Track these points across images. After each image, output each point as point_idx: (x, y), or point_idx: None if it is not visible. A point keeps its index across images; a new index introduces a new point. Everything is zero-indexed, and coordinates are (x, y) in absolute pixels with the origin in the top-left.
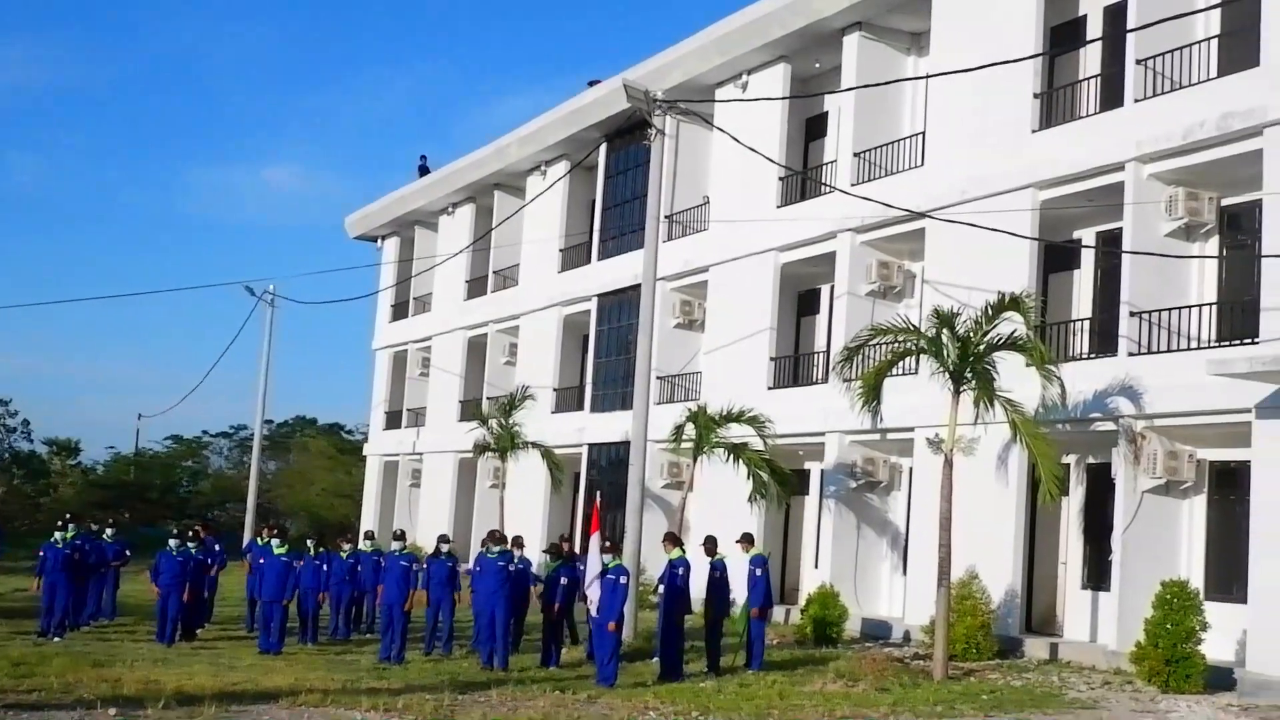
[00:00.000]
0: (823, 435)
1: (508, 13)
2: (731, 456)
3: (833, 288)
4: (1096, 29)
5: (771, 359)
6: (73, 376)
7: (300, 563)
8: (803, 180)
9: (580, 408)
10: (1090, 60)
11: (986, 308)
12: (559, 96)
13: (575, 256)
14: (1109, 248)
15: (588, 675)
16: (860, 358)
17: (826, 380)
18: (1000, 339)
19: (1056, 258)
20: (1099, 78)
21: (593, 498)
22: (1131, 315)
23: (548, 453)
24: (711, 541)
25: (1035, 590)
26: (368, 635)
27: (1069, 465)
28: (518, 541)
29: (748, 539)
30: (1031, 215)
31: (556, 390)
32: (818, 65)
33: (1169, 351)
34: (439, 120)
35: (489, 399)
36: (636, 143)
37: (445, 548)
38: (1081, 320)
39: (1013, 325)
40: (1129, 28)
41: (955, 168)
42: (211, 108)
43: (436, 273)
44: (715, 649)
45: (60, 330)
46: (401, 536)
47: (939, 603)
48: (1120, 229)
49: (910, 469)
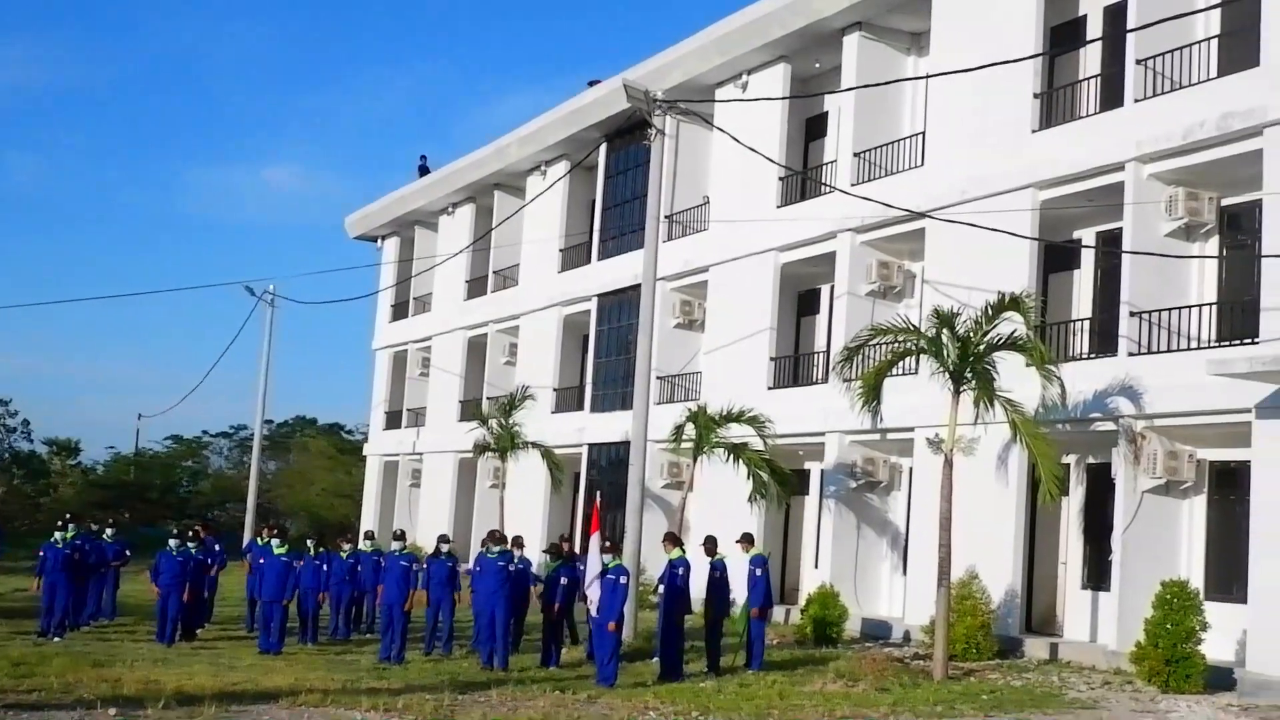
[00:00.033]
0: (823, 435)
1: (508, 13)
2: (731, 456)
3: (833, 288)
4: (1096, 29)
5: (771, 359)
6: (73, 377)
7: (300, 563)
8: (803, 180)
9: (580, 408)
10: (1090, 60)
11: (986, 308)
12: (559, 96)
13: (575, 256)
14: (1109, 248)
15: (588, 675)
16: (860, 358)
17: (826, 380)
18: (1000, 339)
19: (1056, 258)
20: (1099, 78)
21: (593, 498)
22: (1131, 315)
23: (548, 453)
24: (711, 541)
25: (1035, 590)
26: (368, 635)
27: (1069, 465)
28: (517, 541)
29: (748, 539)
30: (1031, 215)
31: (556, 390)
32: (818, 65)
33: (1169, 351)
34: (439, 120)
35: (489, 399)
36: (636, 143)
37: (445, 548)
38: (1081, 320)
39: (1013, 325)
40: (1129, 28)
41: (955, 168)
42: (211, 108)
43: (436, 273)
44: (715, 649)
45: (60, 330)
46: (401, 536)
47: (939, 603)
48: (1120, 229)
49: (910, 469)
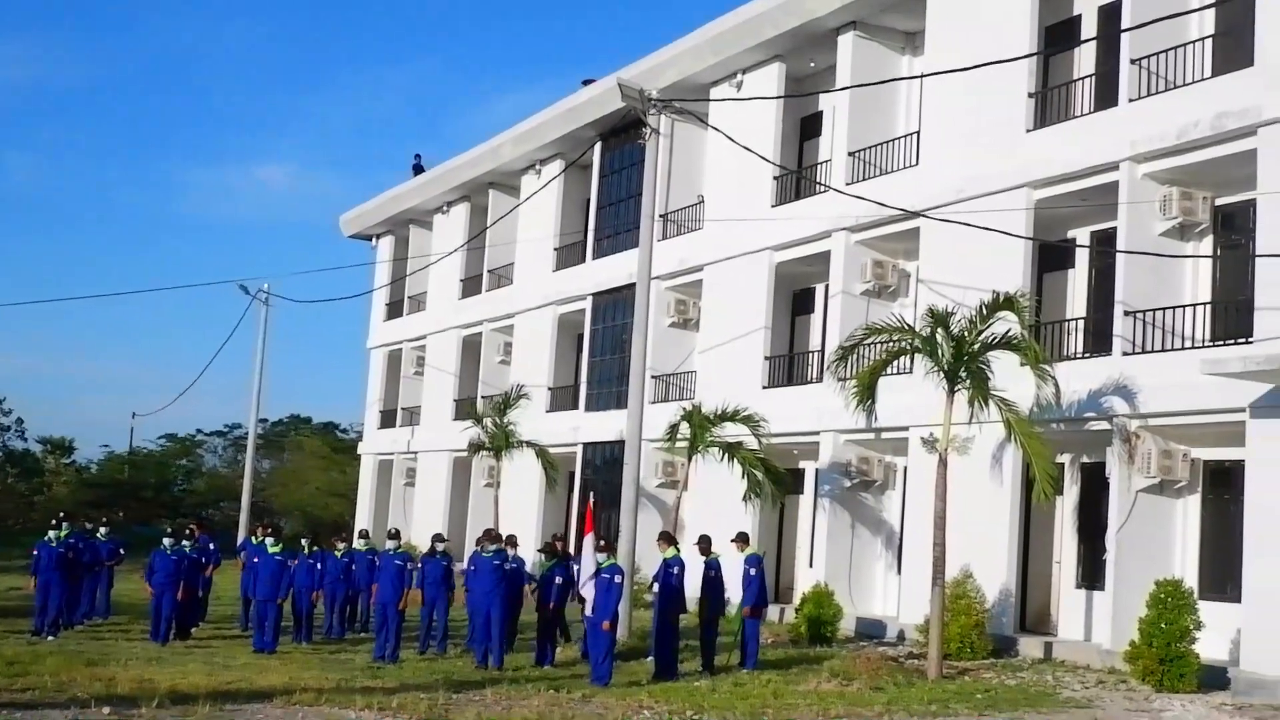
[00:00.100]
0: (817, 434)
1: (503, 12)
2: (726, 456)
3: (827, 287)
4: (1091, 28)
5: (766, 358)
6: (72, 376)
7: (295, 562)
8: (797, 179)
9: (575, 407)
10: (1085, 60)
11: (981, 307)
12: (554, 95)
13: (570, 255)
14: (1103, 247)
15: (582, 674)
16: (855, 357)
17: (821, 379)
18: (995, 338)
19: (1051, 257)
20: (1093, 77)
21: (587, 497)
22: (1126, 315)
23: (542, 452)
24: (706, 540)
25: (1030, 589)
26: (362, 635)
27: (1063, 464)
28: (510, 540)
29: (743, 538)
30: (1026, 215)
31: (551, 389)
32: (812, 64)
33: (1163, 351)
34: (434, 119)
35: (484, 398)
36: (631, 142)
37: (440, 547)
38: (1076, 320)
39: (1007, 325)
40: (1123, 27)
41: (950, 167)
42: (208, 107)
43: (431, 271)
44: (710, 648)
45: (58, 330)
46: (396, 535)
47: (933, 602)
48: (1115, 228)
49: (905, 468)
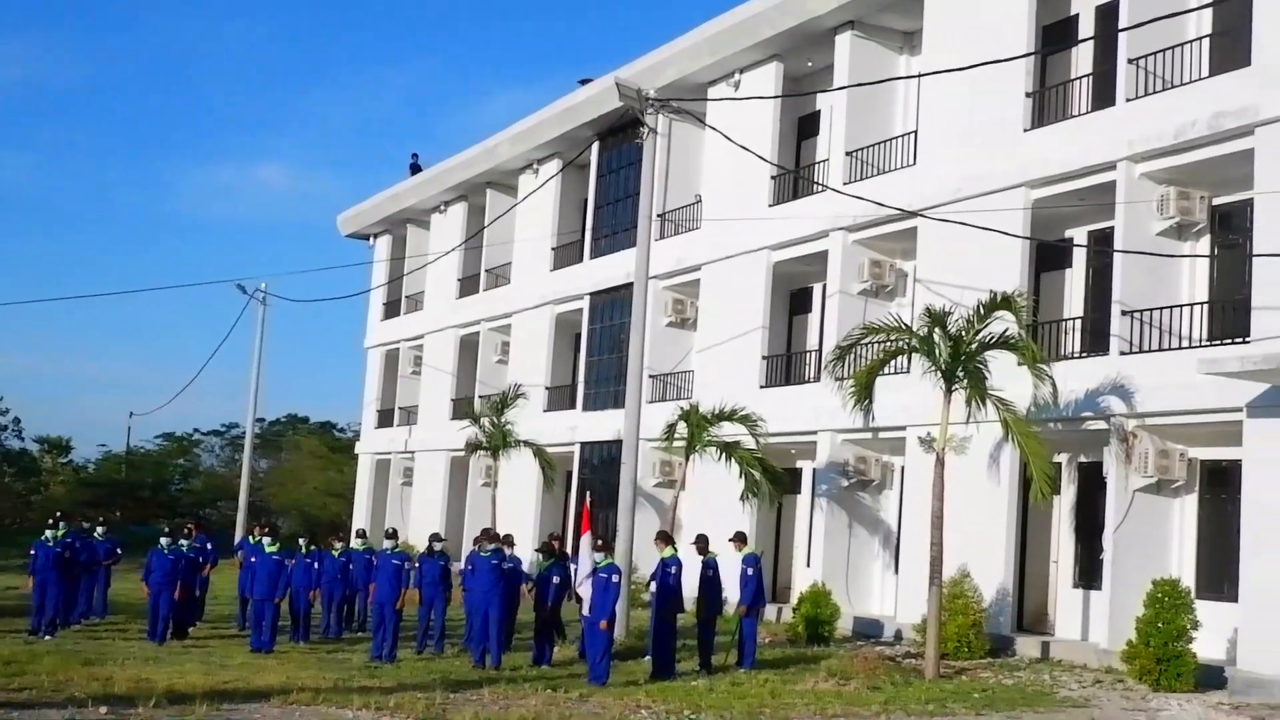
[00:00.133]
0: (815, 434)
1: (500, 11)
2: (724, 455)
3: (825, 286)
4: (1088, 28)
5: (764, 358)
6: (72, 376)
7: (292, 561)
8: (795, 179)
9: (572, 406)
10: (1082, 59)
11: (978, 307)
12: (551, 95)
13: (567, 255)
14: (1100, 247)
15: (579, 674)
16: (852, 356)
17: (819, 379)
18: (992, 338)
19: (1048, 257)
20: (1091, 77)
21: (584, 496)
22: (1123, 314)
23: (540, 451)
24: (703, 540)
25: (1027, 589)
26: (359, 634)
27: (1060, 464)
28: (508, 540)
29: (740, 538)
30: (1023, 214)
31: (549, 389)
32: (810, 64)
33: (1160, 350)
34: (431, 118)
35: (481, 397)
36: (629, 141)
37: (438, 546)
38: (1073, 319)
39: (1004, 324)
40: (1121, 27)
41: (947, 167)
42: (207, 107)
43: (428, 271)
44: (707, 647)
45: (56, 329)
46: (393, 535)
47: (931, 601)
48: (1112, 228)
49: (902, 468)
